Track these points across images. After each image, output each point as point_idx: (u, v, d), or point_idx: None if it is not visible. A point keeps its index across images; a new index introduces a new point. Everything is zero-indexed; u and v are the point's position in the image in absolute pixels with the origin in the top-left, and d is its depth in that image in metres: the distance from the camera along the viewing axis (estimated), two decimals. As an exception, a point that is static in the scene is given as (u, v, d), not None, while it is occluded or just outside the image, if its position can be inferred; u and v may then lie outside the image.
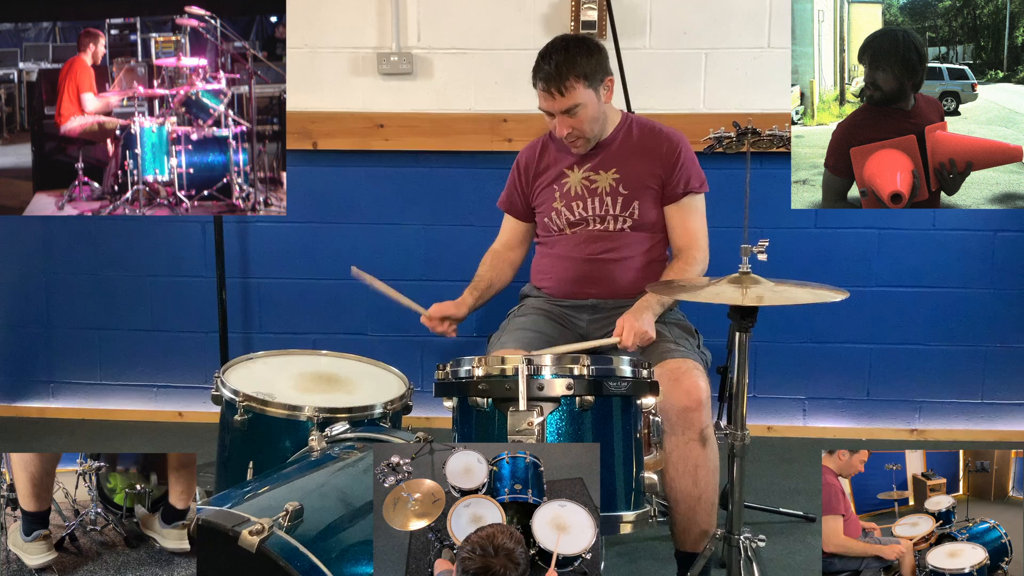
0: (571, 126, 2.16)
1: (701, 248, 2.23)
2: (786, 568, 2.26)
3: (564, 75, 2.09)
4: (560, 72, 2.09)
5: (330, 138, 3.15)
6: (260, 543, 1.15)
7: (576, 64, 2.09)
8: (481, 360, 1.50)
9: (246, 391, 1.90)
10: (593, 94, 2.14)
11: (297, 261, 3.25)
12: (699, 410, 1.89)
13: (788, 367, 3.24)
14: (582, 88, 2.11)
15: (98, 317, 3.38)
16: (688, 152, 2.25)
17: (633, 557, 2.32)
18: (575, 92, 2.10)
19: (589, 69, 2.11)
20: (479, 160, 3.15)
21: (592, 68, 2.12)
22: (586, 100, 2.12)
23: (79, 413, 3.44)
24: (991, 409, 3.23)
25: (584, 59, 2.11)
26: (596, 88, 2.14)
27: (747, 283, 1.69)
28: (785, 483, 2.81)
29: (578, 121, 2.15)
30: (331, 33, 3.12)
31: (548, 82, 2.10)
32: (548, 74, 2.10)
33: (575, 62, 2.09)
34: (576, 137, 2.20)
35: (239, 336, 3.30)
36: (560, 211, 2.27)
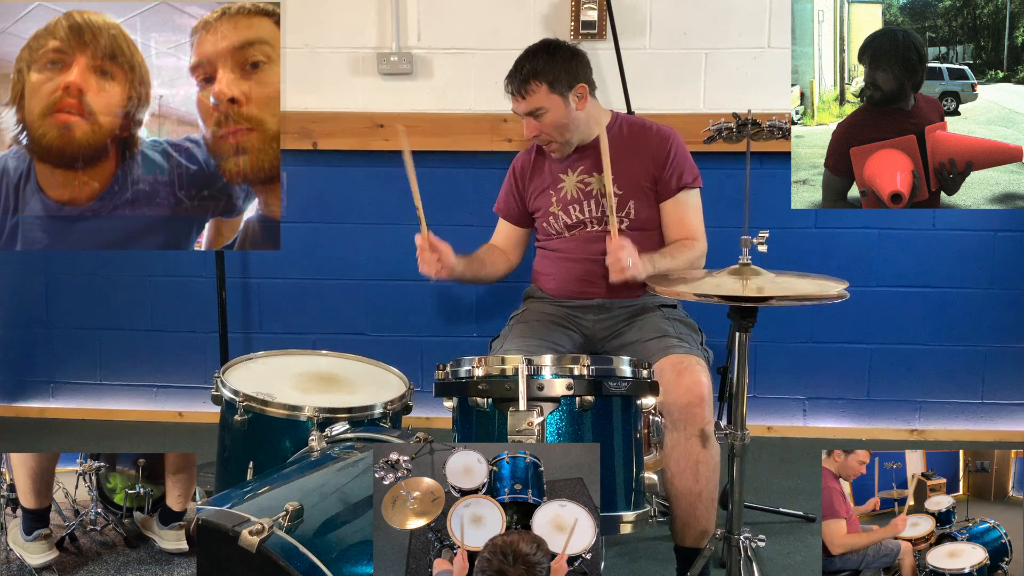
0: (537, 129, 2.19)
1: (697, 238, 2.23)
2: (786, 568, 2.26)
3: (525, 78, 2.14)
4: (522, 75, 2.14)
5: (330, 138, 3.15)
6: (260, 543, 1.15)
7: (538, 69, 2.13)
8: (481, 360, 1.50)
9: (246, 391, 1.90)
10: (559, 100, 2.15)
11: (297, 261, 3.25)
12: (701, 406, 1.89)
13: (788, 367, 3.24)
14: (544, 92, 2.13)
15: (98, 317, 3.38)
16: (679, 147, 2.24)
17: (633, 557, 2.32)
18: (535, 96, 2.14)
19: (553, 75, 2.13)
20: (479, 160, 3.15)
21: (557, 74, 2.14)
22: (549, 105, 2.15)
23: (79, 413, 3.44)
24: (991, 409, 3.23)
25: (548, 65, 2.14)
26: (563, 94, 2.15)
27: (747, 274, 1.68)
28: (785, 483, 2.81)
29: (543, 125, 2.18)
30: (331, 33, 3.12)
31: (510, 84, 2.17)
32: (511, 76, 2.17)
33: (537, 67, 2.14)
34: (545, 141, 2.23)
35: (239, 336, 3.30)
36: (558, 215, 2.27)
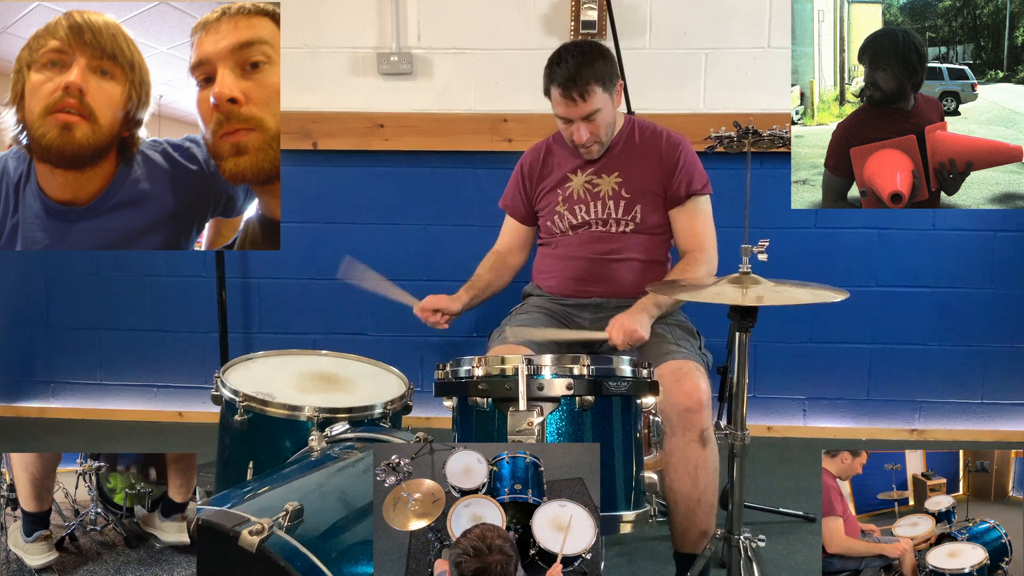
0: (591, 131, 2.14)
1: (706, 250, 2.21)
2: (786, 568, 2.26)
3: (585, 79, 2.05)
4: (581, 76, 2.05)
5: (330, 138, 3.15)
6: (260, 543, 1.15)
7: (595, 68, 2.07)
8: (481, 360, 1.50)
9: (246, 391, 1.90)
10: (608, 98, 2.13)
11: (297, 261, 3.25)
12: (700, 411, 1.89)
13: (788, 367, 3.24)
14: (599, 92, 2.09)
15: (98, 317, 3.38)
16: (689, 154, 2.24)
17: (633, 557, 2.32)
18: (595, 97, 2.08)
19: (605, 73, 2.09)
20: (479, 160, 3.15)
21: (608, 71, 2.10)
22: (603, 105, 2.11)
23: (79, 413, 3.44)
24: (991, 409, 3.24)
25: (600, 63, 2.09)
26: (611, 92, 2.13)
27: (747, 283, 1.70)
28: (785, 483, 2.82)
29: (595, 126, 2.13)
30: (331, 33, 3.12)
31: (568, 87, 2.06)
32: (567, 78, 2.05)
33: (593, 66, 2.07)
34: (593, 143, 2.18)
35: (239, 336, 3.31)
36: (563, 215, 2.27)
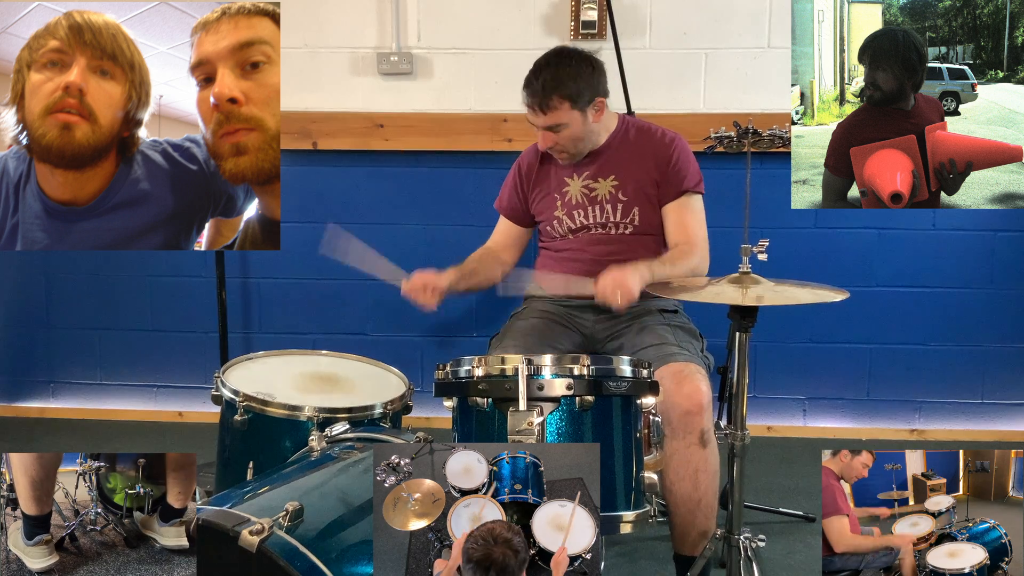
0: (553, 141, 2.16)
1: (697, 244, 2.19)
2: (786, 568, 2.26)
3: (548, 94, 2.08)
4: (545, 90, 2.08)
5: (330, 138, 3.15)
6: (260, 543, 1.15)
7: (562, 84, 2.07)
8: (481, 360, 1.50)
9: (246, 391, 1.90)
10: (579, 115, 2.12)
11: (297, 261, 3.25)
12: (700, 414, 1.88)
13: (788, 367, 3.24)
14: (566, 109, 2.09)
15: (98, 317, 3.39)
16: (683, 151, 2.22)
17: (633, 557, 2.32)
18: (558, 112, 2.09)
19: (576, 91, 2.09)
20: (479, 160, 3.15)
21: (579, 90, 2.09)
22: (569, 120, 2.11)
23: (79, 413, 3.44)
24: (991, 409, 3.24)
25: (572, 80, 2.08)
26: (583, 109, 2.12)
27: (747, 283, 1.70)
28: (785, 483, 2.82)
29: (560, 138, 2.15)
30: (331, 33, 3.12)
31: (532, 98, 2.11)
32: (533, 91, 2.10)
33: (561, 82, 2.08)
34: (558, 151, 2.20)
35: (239, 336, 3.30)
36: (562, 219, 2.26)
